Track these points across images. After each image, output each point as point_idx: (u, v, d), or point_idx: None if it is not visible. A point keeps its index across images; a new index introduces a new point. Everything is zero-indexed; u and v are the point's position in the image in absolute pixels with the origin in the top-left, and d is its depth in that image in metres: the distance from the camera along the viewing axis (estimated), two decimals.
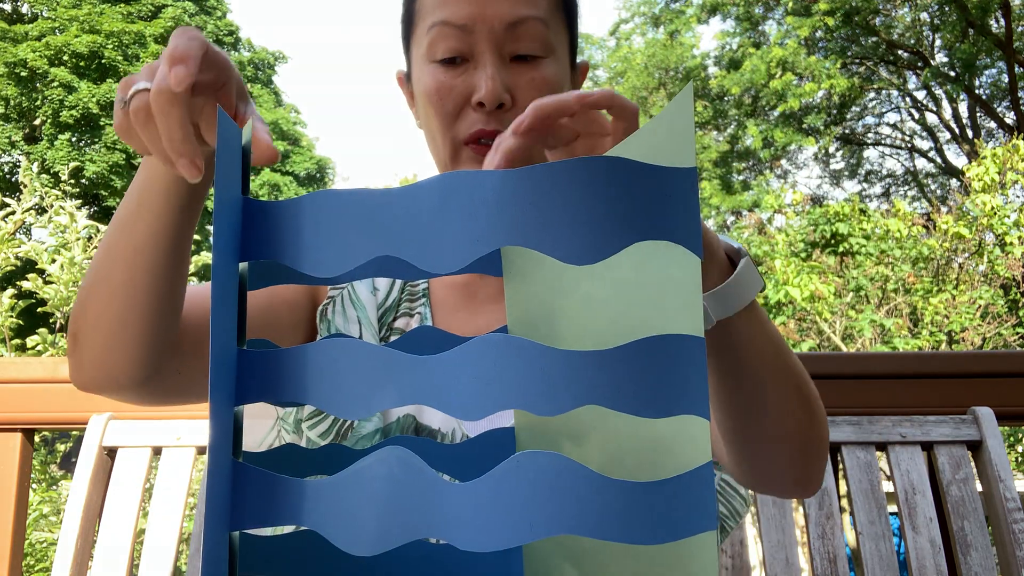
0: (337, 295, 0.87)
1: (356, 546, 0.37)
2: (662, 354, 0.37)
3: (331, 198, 0.39)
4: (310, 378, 0.40)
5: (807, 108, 14.22)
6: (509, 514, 0.35)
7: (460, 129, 0.79)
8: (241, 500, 0.39)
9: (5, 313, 3.74)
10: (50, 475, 3.96)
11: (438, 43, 0.78)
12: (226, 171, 0.40)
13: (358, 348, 0.39)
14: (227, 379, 0.40)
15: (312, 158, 15.99)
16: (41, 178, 10.25)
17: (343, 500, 0.38)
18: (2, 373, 1.41)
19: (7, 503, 1.37)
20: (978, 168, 7.90)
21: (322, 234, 0.39)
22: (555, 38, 0.80)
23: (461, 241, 0.36)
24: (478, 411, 0.36)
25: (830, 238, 8.14)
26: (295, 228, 0.40)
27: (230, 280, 0.40)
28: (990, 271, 7.81)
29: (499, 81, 0.76)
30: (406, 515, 0.36)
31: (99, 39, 12.93)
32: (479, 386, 0.36)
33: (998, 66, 13.93)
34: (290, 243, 0.40)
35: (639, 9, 16.24)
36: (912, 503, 1.29)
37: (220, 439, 0.39)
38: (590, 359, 0.36)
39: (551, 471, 0.35)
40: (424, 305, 0.86)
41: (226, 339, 0.40)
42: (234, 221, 0.40)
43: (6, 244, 4.04)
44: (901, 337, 7.35)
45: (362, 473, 0.37)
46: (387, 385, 0.38)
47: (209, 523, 0.38)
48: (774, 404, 0.63)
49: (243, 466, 0.40)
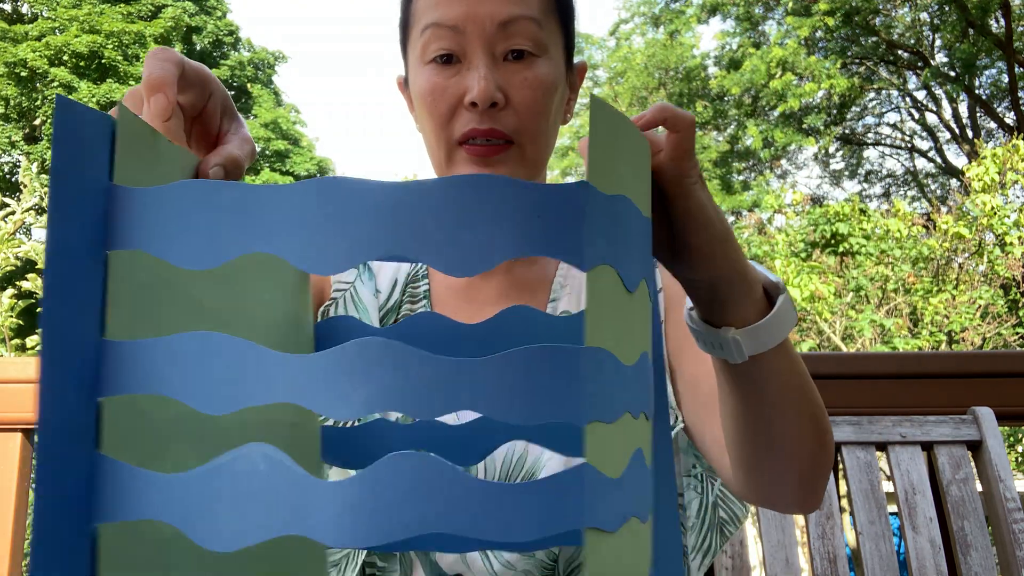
0: (339, 296, 0.87)
1: (213, 541, 0.37)
2: (536, 363, 0.38)
3: (200, 188, 0.39)
4: (174, 370, 0.39)
5: (807, 108, 14.22)
6: (380, 512, 0.36)
7: (454, 129, 0.79)
8: (98, 492, 0.39)
9: (5, 313, 3.74)
10: None
11: (431, 44, 0.78)
12: (76, 157, 0.39)
13: (222, 342, 0.39)
14: (80, 369, 0.39)
15: (312, 159, 15.99)
16: (41, 178, 10.25)
17: (202, 494, 0.37)
18: (2, 373, 1.41)
19: (7, 503, 1.37)
20: (978, 168, 7.90)
21: (191, 225, 0.39)
22: (548, 38, 0.80)
23: (340, 246, 0.37)
24: (347, 411, 0.37)
25: (830, 238, 8.15)
26: (163, 217, 0.39)
27: (90, 268, 0.39)
28: (990, 271, 7.82)
29: (491, 81, 0.76)
30: (269, 511, 0.36)
31: (99, 39, 12.93)
32: (350, 386, 0.37)
33: (998, 66, 13.94)
34: (158, 232, 0.39)
35: (639, 9, 16.25)
36: (912, 503, 1.29)
37: (65, 430, 0.38)
38: (466, 366, 0.37)
39: (422, 470, 0.36)
40: (425, 306, 0.87)
41: (80, 328, 0.39)
42: (95, 208, 0.40)
43: (6, 244, 4.04)
44: (901, 337, 7.35)
45: (223, 468, 0.37)
46: (253, 381, 0.38)
47: (49, 517, 0.37)
48: (789, 433, 0.63)
49: (102, 458, 0.39)
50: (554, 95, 0.81)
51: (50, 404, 0.38)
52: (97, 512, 0.39)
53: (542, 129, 0.80)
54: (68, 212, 0.39)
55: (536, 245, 0.39)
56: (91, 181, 0.40)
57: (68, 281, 0.39)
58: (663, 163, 0.52)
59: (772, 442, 0.64)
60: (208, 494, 0.37)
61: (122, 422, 0.41)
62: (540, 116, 0.79)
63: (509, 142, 0.79)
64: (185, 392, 0.39)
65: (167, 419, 0.44)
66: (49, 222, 0.38)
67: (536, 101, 0.79)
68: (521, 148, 0.79)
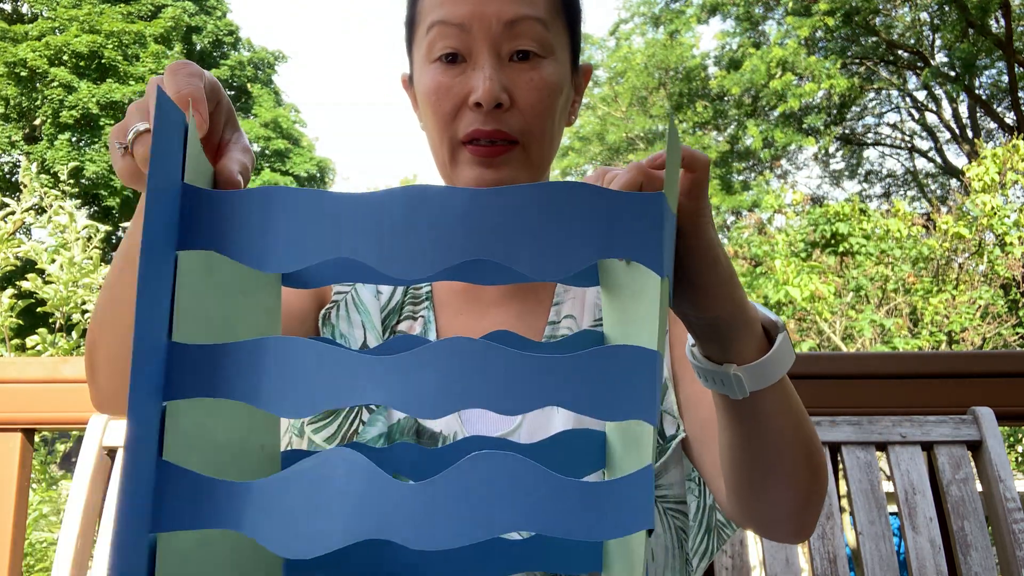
0: (341, 299, 0.86)
1: (291, 549, 0.36)
2: (616, 362, 0.39)
3: (286, 195, 0.39)
4: (246, 374, 0.39)
5: (807, 108, 14.22)
6: (464, 512, 0.36)
7: (458, 128, 0.79)
8: (163, 501, 0.38)
9: (5, 313, 3.74)
10: (50, 475, 3.96)
11: (436, 42, 0.78)
12: (165, 155, 0.39)
13: (300, 346, 0.39)
14: (154, 372, 0.38)
15: (312, 159, 15.99)
16: (41, 178, 10.25)
17: (277, 502, 0.37)
18: (2, 373, 1.41)
19: (7, 503, 1.37)
20: (978, 168, 7.90)
21: (271, 229, 0.39)
22: (555, 39, 0.80)
23: (428, 251, 0.38)
24: (438, 410, 0.37)
25: (830, 238, 8.14)
26: (241, 220, 0.40)
27: (164, 268, 0.39)
28: (990, 271, 7.81)
29: (496, 81, 0.76)
30: (350, 517, 0.36)
31: (99, 39, 12.92)
32: (440, 385, 0.37)
33: (998, 66, 13.93)
34: (234, 234, 0.39)
35: (639, 9, 16.24)
36: (912, 503, 1.29)
37: (142, 434, 0.37)
38: (549, 363, 0.38)
39: (505, 470, 0.37)
40: (427, 308, 0.86)
41: (155, 330, 0.38)
42: (171, 208, 0.39)
43: (6, 244, 4.04)
44: (901, 337, 7.35)
45: (302, 475, 0.37)
46: (334, 384, 0.38)
47: (125, 524, 0.36)
48: (784, 466, 0.64)
49: (167, 465, 0.38)
50: (559, 97, 0.81)
51: (138, 407, 0.36)
52: (160, 520, 0.38)
53: (547, 130, 0.80)
54: (158, 209, 0.38)
55: (618, 249, 0.40)
56: (172, 179, 0.40)
57: (155, 280, 0.38)
58: (679, 200, 0.52)
59: (767, 474, 0.64)
60: (285, 501, 0.37)
61: (168, 429, 0.40)
62: (545, 117, 0.79)
63: (514, 143, 0.78)
64: (258, 396, 0.38)
65: (187, 430, 0.43)
66: (146, 218, 0.37)
67: (541, 102, 0.78)
68: (525, 149, 0.79)
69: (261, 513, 0.37)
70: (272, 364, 0.38)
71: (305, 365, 0.38)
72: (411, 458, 0.60)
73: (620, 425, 0.54)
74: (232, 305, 0.50)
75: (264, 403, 0.38)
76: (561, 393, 0.38)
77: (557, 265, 0.39)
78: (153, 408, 0.38)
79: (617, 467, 0.54)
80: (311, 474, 0.37)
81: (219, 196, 0.40)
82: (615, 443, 0.56)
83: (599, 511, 0.37)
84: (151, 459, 0.38)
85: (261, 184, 15.76)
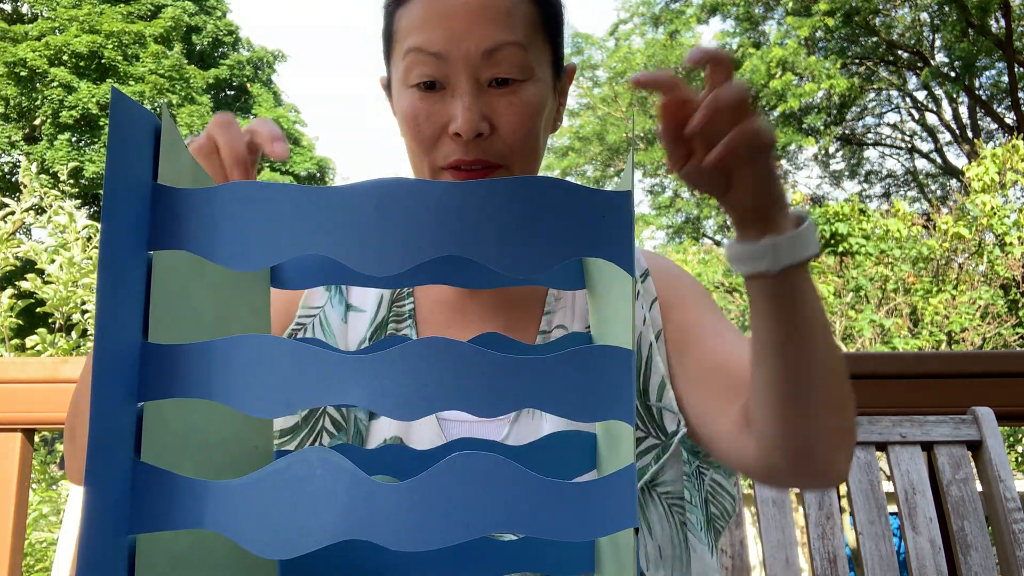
0: (308, 322, 0.85)
1: (269, 549, 0.36)
2: (589, 362, 0.39)
3: (253, 189, 0.39)
4: (220, 373, 0.38)
5: (807, 108, 14.22)
6: (443, 513, 0.36)
7: (438, 156, 0.78)
8: (139, 501, 0.37)
9: (4, 313, 3.74)
10: (50, 475, 3.96)
11: (413, 69, 0.77)
12: (124, 155, 0.38)
13: (274, 344, 0.38)
14: (125, 373, 0.37)
15: (312, 158, 15.99)
16: (40, 178, 10.25)
17: (255, 501, 0.36)
18: (2, 373, 1.41)
19: (7, 503, 1.37)
20: (978, 168, 7.90)
21: (241, 226, 0.38)
22: (535, 59, 0.78)
23: (400, 246, 0.37)
24: (414, 411, 0.37)
25: (830, 238, 8.14)
26: (211, 218, 0.39)
27: (131, 269, 0.38)
28: (990, 271, 7.82)
29: (476, 112, 0.75)
30: (328, 516, 0.36)
31: (99, 39, 12.92)
32: (416, 387, 0.37)
33: (998, 66, 13.94)
34: (204, 233, 0.39)
35: (639, 9, 16.24)
36: (912, 503, 1.29)
37: (107, 435, 0.36)
38: (526, 364, 0.38)
39: (485, 471, 0.36)
40: (410, 326, 0.85)
41: (121, 330, 0.37)
42: (137, 208, 0.39)
43: (5, 244, 4.04)
44: (901, 337, 7.35)
45: (279, 473, 0.37)
46: (309, 383, 0.37)
47: (95, 526, 0.35)
48: (820, 369, 0.66)
49: (143, 465, 0.37)
50: (541, 116, 0.80)
51: (101, 409, 0.36)
52: (138, 522, 0.37)
53: (530, 150, 0.79)
54: (120, 209, 0.37)
55: (592, 248, 0.39)
56: (139, 179, 0.39)
57: (119, 281, 0.38)
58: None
59: (808, 389, 0.66)
60: (263, 501, 0.36)
61: (151, 429, 0.40)
62: (528, 139, 0.78)
63: (498, 166, 0.78)
64: (234, 396, 0.38)
65: (178, 431, 0.43)
66: (104, 219, 0.36)
67: (523, 126, 0.77)
68: (510, 170, 0.78)
69: (240, 512, 0.36)
70: (246, 363, 0.38)
71: (279, 364, 0.38)
72: (399, 461, 0.59)
73: (604, 425, 0.54)
74: (225, 305, 0.49)
75: (239, 403, 0.38)
76: (536, 395, 0.38)
77: (531, 262, 0.38)
78: (125, 409, 0.37)
79: (604, 468, 0.54)
80: (287, 473, 0.36)
81: (189, 194, 0.39)
82: (602, 444, 0.55)
83: (581, 511, 0.37)
84: (124, 459, 0.37)
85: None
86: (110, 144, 0.37)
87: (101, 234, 0.37)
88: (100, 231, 0.37)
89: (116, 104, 0.38)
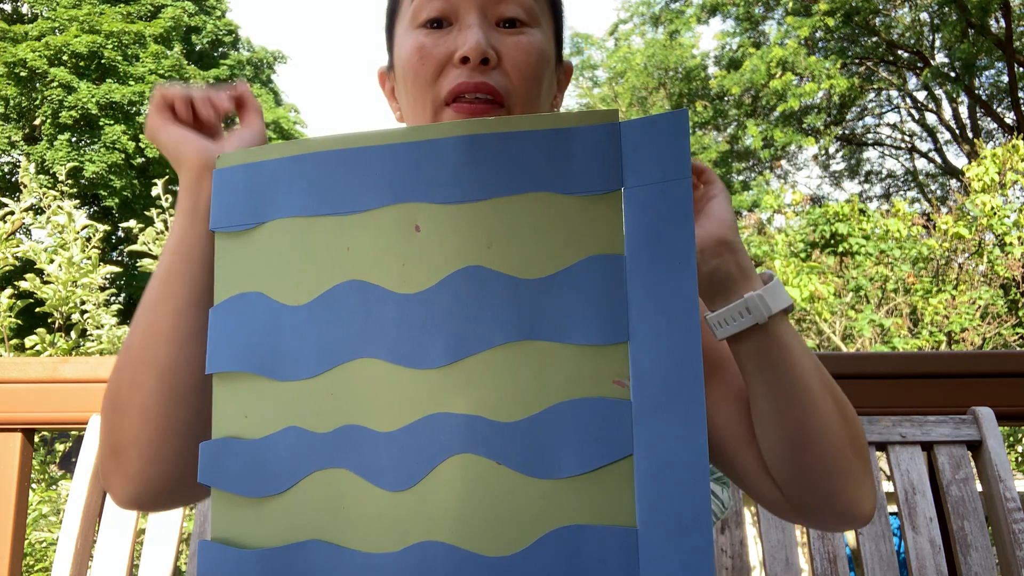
0: None
1: None
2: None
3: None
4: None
5: (807, 108, 14.22)
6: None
7: (441, 88, 0.76)
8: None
9: (4, 313, 3.74)
10: (50, 475, 3.96)
11: (422, 9, 0.77)
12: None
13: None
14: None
15: None
16: (40, 178, 10.25)
17: None
18: (2, 373, 1.40)
19: (7, 503, 1.37)
20: (978, 168, 7.89)
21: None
22: (540, 12, 0.79)
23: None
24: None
25: (830, 238, 8.14)
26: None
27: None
28: (990, 271, 7.81)
29: (484, 39, 0.75)
30: None
31: (99, 39, 12.91)
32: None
33: (998, 66, 13.93)
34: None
35: (638, 9, 16.24)
36: (912, 503, 1.29)
37: None
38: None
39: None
40: None
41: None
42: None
43: (5, 244, 4.04)
44: (901, 337, 7.35)
45: None
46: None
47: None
48: (819, 414, 0.66)
49: None
50: (545, 67, 0.79)
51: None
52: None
53: (533, 96, 0.78)
54: None
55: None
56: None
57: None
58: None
59: (804, 427, 0.66)
60: None
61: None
62: (532, 81, 0.77)
63: (499, 104, 0.76)
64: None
65: None
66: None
67: (528, 65, 0.77)
68: (510, 110, 0.77)
69: None
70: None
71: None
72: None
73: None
74: None
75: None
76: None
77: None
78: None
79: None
80: None
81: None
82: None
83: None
84: None
85: None
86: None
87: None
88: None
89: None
